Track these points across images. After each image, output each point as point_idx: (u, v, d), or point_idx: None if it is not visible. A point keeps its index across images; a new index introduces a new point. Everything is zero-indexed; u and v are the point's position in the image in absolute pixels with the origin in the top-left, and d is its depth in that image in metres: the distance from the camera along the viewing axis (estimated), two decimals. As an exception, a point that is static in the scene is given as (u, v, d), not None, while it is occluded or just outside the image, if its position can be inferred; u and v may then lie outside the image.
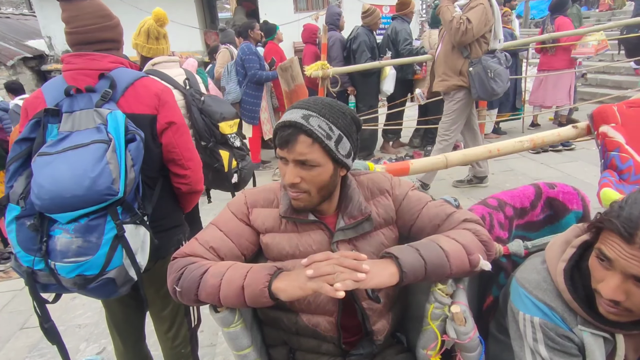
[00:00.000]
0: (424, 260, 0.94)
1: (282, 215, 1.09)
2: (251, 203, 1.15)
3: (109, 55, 1.35)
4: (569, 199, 1.22)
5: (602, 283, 0.81)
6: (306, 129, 0.97)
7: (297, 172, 1.00)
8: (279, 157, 1.03)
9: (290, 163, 1.00)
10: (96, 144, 1.17)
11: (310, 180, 1.01)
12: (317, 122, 0.98)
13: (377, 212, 1.12)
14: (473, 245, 0.99)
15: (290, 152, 0.99)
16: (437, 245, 0.97)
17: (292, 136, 0.97)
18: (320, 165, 1.00)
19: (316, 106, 1.01)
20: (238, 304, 0.97)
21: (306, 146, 0.98)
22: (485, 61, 3.34)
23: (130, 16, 9.79)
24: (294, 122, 0.98)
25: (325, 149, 0.99)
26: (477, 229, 1.04)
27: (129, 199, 1.24)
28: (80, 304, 2.83)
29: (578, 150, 4.77)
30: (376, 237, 1.12)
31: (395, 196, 1.15)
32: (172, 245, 1.54)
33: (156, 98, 1.37)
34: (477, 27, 3.23)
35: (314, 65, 4.35)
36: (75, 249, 1.17)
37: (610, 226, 0.79)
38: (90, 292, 1.24)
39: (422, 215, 1.11)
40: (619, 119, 1.57)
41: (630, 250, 0.76)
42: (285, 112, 1.03)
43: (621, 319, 0.83)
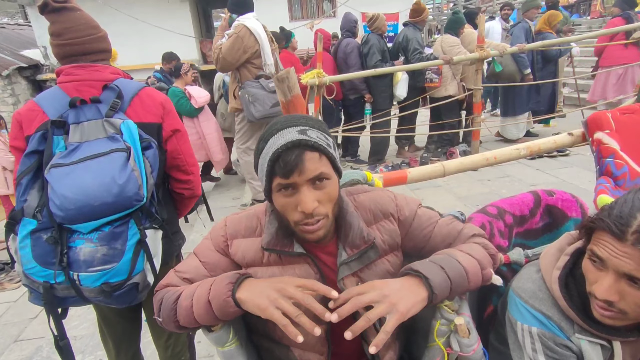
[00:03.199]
0: (450, 279, 0.88)
1: (265, 247, 0.97)
2: (231, 234, 1.04)
3: (109, 67, 1.38)
4: (568, 207, 1.23)
5: (596, 284, 0.81)
6: (312, 144, 0.86)
7: (313, 195, 0.87)
8: (279, 189, 0.89)
9: (302, 187, 0.87)
10: (117, 153, 1.20)
11: (327, 199, 0.90)
12: (315, 134, 0.88)
13: (382, 239, 1.02)
14: (485, 260, 0.97)
15: (302, 174, 0.85)
16: (456, 261, 0.92)
17: (300, 157, 0.85)
18: (330, 178, 0.90)
19: (300, 120, 0.91)
20: (212, 319, 0.91)
21: (316, 161, 0.87)
22: (248, 86, 3.48)
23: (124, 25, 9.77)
24: (296, 141, 0.86)
25: (330, 159, 0.90)
26: (486, 243, 1.01)
27: (147, 205, 1.27)
28: (75, 316, 2.79)
29: (572, 155, 4.80)
30: (381, 265, 1.02)
31: (404, 218, 1.04)
32: (174, 250, 1.55)
33: (161, 107, 1.40)
34: (229, 56, 3.39)
35: (310, 74, 4.37)
36: (101, 257, 1.18)
37: (602, 225, 0.80)
38: (115, 299, 1.24)
39: (434, 235, 1.05)
40: (613, 125, 1.58)
41: (622, 248, 0.76)
42: (268, 136, 0.90)
43: (616, 322, 0.82)
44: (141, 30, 10.07)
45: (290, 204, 0.89)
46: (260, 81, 3.49)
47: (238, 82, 3.61)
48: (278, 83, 1.31)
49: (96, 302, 1.27)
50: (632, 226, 0.75)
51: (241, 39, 3.38)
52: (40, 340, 2.61)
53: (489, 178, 4.39)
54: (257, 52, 3.48)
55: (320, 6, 12.19)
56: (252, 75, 3.53)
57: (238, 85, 3.61)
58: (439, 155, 5.39)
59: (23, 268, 1.20)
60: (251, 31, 3.41)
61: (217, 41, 3.56)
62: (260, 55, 3.51)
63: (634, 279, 0.76)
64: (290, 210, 0.90)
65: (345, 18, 5.24)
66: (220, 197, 4.89)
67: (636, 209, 0.77)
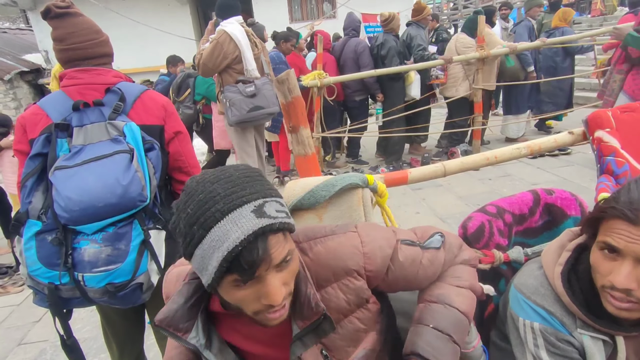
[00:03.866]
0: (458, 344, 0.88)
1: (157, 323, 0.81)
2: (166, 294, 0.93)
3: (111, 70, 1.40)
4: (567, 205, 1.23)
5: (613, 274, 0.80)
6: (277, 227, 0.68)
7: (280, 280, 0.71)
8: (235, 284, 0.69)
9: (267, 277, 0.69)
10: (120, 154, 1.22)
11: (291, 277, 0.75)
12: (274, 207, 0.70)
13: (346, 300, 0.85)
14: (472, 278, 0.96)
15: (266, 263, 0.68)
16: (455, 311, 0.90)
17: (262, 247, 0.66)
18: (293, 252, 0.74)
19: (243, 190, 0.69)
20: None
21: (282, 243, 0.70)
22: (227, 91, 3.50)
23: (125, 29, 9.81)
24: (258, 230, 0.66)
25: (291, 231, 0.74)
26: (466, 257, 1.01)
27: (151, 206, 1.29)
28: (79, 319, 2.80)
29: (574, 154, 4.80)
30: (349, 325, 0.87)
31: (375, 272, 0.86)
32: (178, 250, 1.55)
33: (163, 109, 1.42)
34: (210, 62, 3.41)
35: (310, 75, 4.39)
36: (105, 257, 1.19)
37: (614, 213, 0.80)
38: (119, 299, 1.25)
39: (419, 277, 0.92)
40: (614, 123, 1.58)
41: (638, 232, 0.76)
42: (206, 224, 0.66)
43: (632, 315, 0.82)
44: (142, 33, 10.11)
45: (249, 296, 0.71)
46: (238, 86, 3.50)
47: (220, 86, 3.65)
48: (278, 85, 1.32)
49: (101, 303, 1.28)
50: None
51: (221, 45, 3.40)
52: (43, 344, 2.62)
53: (490, 177, 4.39)
54: (238, 57, 3.50)
55: (320, 7, 12.21)
56: (233, 80, 3.55)
57: (221, 89, 3.66)
58: (440, 155, 5.39)
59: (28, 270, 1.21)
60: (231, 37, 3.43)
61: (202, 45, 3.60)
62: (241, 61, 3.53)
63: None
64: (249, 302, 0.72)
65: (349, 18, 5.24)
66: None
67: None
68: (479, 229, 1.18)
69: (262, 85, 3.65)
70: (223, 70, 3.54)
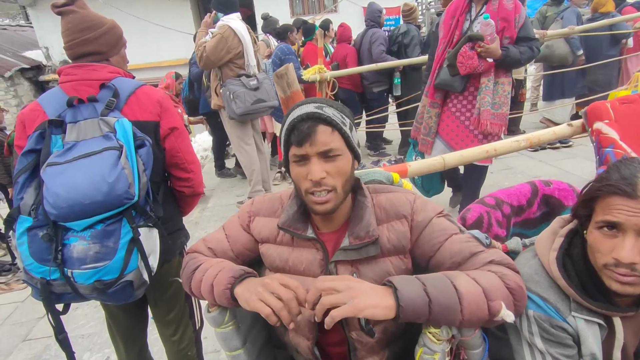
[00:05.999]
0: (429, 298, 0.83)
1: (280, 226, 1.04)
2: (254, 211, 1.15)
3: (107, 66, 1.39)
4: (565, 196, 1.24)
5: (616, 250, 0.81)
6: (325, 117, 0.93)
7: (322, 166, 0.94)
8: (294, 159, 0.97)
9: (313, 157, 0.94)
10: (109, 151, 1.21)
11: (336, 173, 0.95)
12: (331, 111, 0.95)
13: (388, 237, 1.01)
14: (496, 291, 0.86)
15: (313, 145, 0.93)
16: (450, 283, 0.86)
17: (312, 128, 0.92)
18: (342, 154, 0.96)
19: (320, 99, 0.99)
20: (212, 300, 1.02)
21: (328, 135, 0.93)
22: (229, 84, 3.57)
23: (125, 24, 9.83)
24: (310, 113, 0.93)
25: (344, 136, 0.96)
26: (505, 274, 0.89)
27: (142, 203, 1.28)
28: (82, 314, 2.83)
29: (575, 147, 4.79)
30: (382, 264, 1.01)
31: (416, 223, 1.01)
32: (177, 248, 1.57)
33: (158, 105, 1.41)
34: (213, 55, 3.45)
35: (312, 69, 4.38)
36: (93, 255, 1.20)
37: (610, 190, 0.82)
38: (109, 296, 1.26)
39: (443, 248, 0.98)
40: (612, 115, 1.59)
41: (637, 205, 0.78)
42: (290, 111, 0.99)
43: (636, 290, 0.82)
44: (143, 29, 10.10)
45: (301, 172, 0.96)
46: (242, 79, 3.58)
47: (220, 80, 3.68)
48: (277, 79, 1.32)
49: (92, 299, 1.29)
50: (639, 183, 0.79)
51: (225, 40, 3.45)
52: (48, 339, 2.65)
53: (491, 170, 4.37)
54: (240, 52, 3.57)
55: (321, 1, 12.17)
56: (233, 74, 3.61)
57: (219, 83, 3.69)
58: None
59: (23, 264, 1.23)
60: (235, 32, 3.48)
61: (200, 38, 3.62)
62: (243, 56, 3.60)
63: None
64: (301, 179, 0.97)
65: (370, 8, 5.23)
66: (225, 194, 4.92)
67: (634, 169, 0.81)
68: (478, 220, 1.19)
69: (263, 79, 3.70)
70: (224, 64, 3.57)
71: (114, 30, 1.44)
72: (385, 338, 1.04)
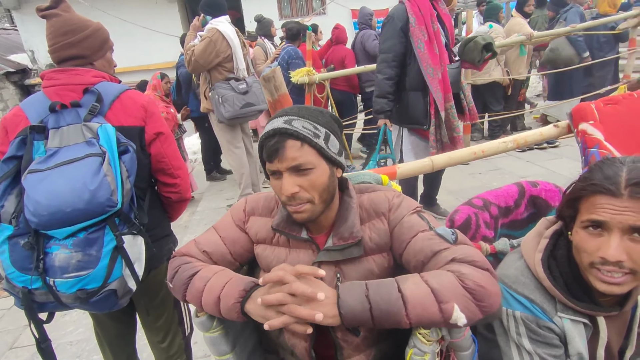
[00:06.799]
0: (370, 304, 0.83)
1: (274, 228, 1.05)
2: (249, 210, 1.13)
3: (91, 70, 1.36)
4: (552, 197, 1.25)
5: (602, 249, 0.82)
6: (292, 132, 0.92)
7: (293, 181, 0.94)
8: (269, 174, 0.98)
9: (284, 173, 0.94)
10: (91, 158, 1.18)
11: (310, 186, 0.95)
12: (301, 124, 0.94)
13: (370, 236, 1.02)
14: (449, 292, 0.82)
15: (281, 161, 0.93)
16: (395, 286, 0.85)
17: (280, 144, 0.92)
18: (315, 166, 0.94)
19: (293, 110, 0.98)
20: (217, 313, 0.97)
21: (296, 150, 0.92)
22: (218, 87, 3.55)
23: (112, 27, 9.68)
24: (277, 129, 0.93)
25: (315, 148, 0.94)
26: (464, 272, 0.84)
27: (126, 210, 1.26)
28: (70, 321, 2.79)
29: (562, 147, 4.85)
30: (365, 263, 1.02)
31: (392, 220, 1.02)
32: (164, 254, 1.55)
33: (143, 110, 1.39)
34: (202, 59, 3.44)
35: (300, 72, 4.38)
36: (75, 263, 1.17)
37: (595, 189, 0.83)
38: (92, 306, 1.24)
39: (409, 246, 0.98)
40: (597, 116, 1.61)
41: (621, 203, 0.80)
42: (266, 125, 0.99)
43: (623, 288, 0.83)
44: (130, 31, 10.00)
45: (277, 186, 0.97)
46: (231, 82, 3.56)
47: (208, 83, 3.66)
48: (265, 83, 1.32)
49: (75, 308, 1.26)
50: (622, 181, 0.80)
51: (214, 43, 3.44)
52: (35, 347, 2.60)
53: (480, 171, 4.43)
54: (229, 56, 3.55)
55: (310, 3, 12.17)
56: (222, 77, 3.59)
57: (208, 86, 3.67)
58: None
59: (5, 273, 1.20)
60: (224, 36, 3.47)
61: (189, 41, 3.61)
62: (231, 59, 3.58)
63: (638, 231, 0.79)
64: (278, 192, 0.98)
65: (362, 12, 5.33)
66: (215, 198, 4.89)
67: (616, 168, 0.83)
68: (466, 222, 1.20)
69: (253, 83, 3.68)
70: (213, 67, 3.55)
71: (99, 33, 1.42)
72: (372, 337, 1.05)
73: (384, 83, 2.84)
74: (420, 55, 2.75)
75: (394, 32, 2.79)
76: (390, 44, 2.81)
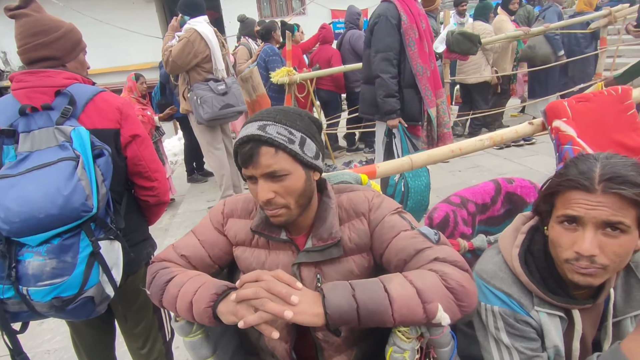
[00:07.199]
0: (357, 303, 0.83)
1: (253, 230, 1.04)
2: (227, 212, 1.12)
3: (63, 72, 1.33)
4: (527, 193, 1.28)
5: (577, 244, 0.84)
6: (265, 139, 0.90)
7: (268, 187, 0.93)
8: (246, 179, 0.97)
9: (259, 179, 0.93)
10: (64, 162, 1.15)
11: (285, 192, 0.94)
12: (275, 130, 0.92)
13: (349, 237, 1.02)
14: (433, 292, 0.84)
15: (256, 168, 0.92)
16: (382, 286, 0.85)
17: (254, 150, 0.91)
18: (291, 172, 0.93)
19: (269, 114, 0.95)
20: (190, 318, 0.95)
21: (270, 156, 0.91)
22: (197, 89, 3.51)
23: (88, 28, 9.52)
24: (251, 135, 0.91)
25: (290, 154, 0.93)
26: (447, 272, 0.87)
27: (102, 215, 1.23)
28: (48, 329, 2.71)
29: (538, 144, 4.96)
30: (345, 264, 1.02)
31: (372, 220, 1.02)
32: (142, 259, 1.52)
33: (118, 112, 1.36)
34: (180, 59, 3.40)
35: (280, 72, 4.36)
36: (50, 271, 1.13)
37: (570, 184, 0.85)
38: (69, 314, 1.20)
39: (391, 246, 0.98)
40: (570, 113, 1.65)
41: (595, 198, 0.82)
42: (241, 129, 0.97)
43: (596, 280, 0.86)
44: (106, 32, 9.81)
45: (253, 191, 0.97)
46: (209, 83, 3.52)
47: (187, 84, 3.62)
48: (242, 83, 1.31)
49: (50, 317, 1.23)
50: (595, 177, 0.83)
51: (192, 44, 3.39)
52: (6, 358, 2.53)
53: (459, 169, 4.49)
54: (208, 56, 3.51)
55: (289, 4, 12.15)
56: (201, 78, 3.55)
57: (187, 87, 3.63)
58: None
59: None
60: (202, 36, 3.43)
61: (167, 42, 3.56)
62: (210, 60, 3.54)
63: (612, 226, 0.82)
64: (255, 196, 0.98)
65: (349, 11, 5.28)
66: (196, 200, 4.83)
67: (590, 164, 0.85)
68: (444, 219, 1.21)
69: (232, 83, 3.65)
70: (191, 68, 3.51)
71: (71, 34, 1.38)
72: (353, 337, 1.05)
73: (390, 82, 2.77)
74: (411, 54, 2.77)
75: (391, 30, 2.75)
76: (389, 41, 2.76)
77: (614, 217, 0.81)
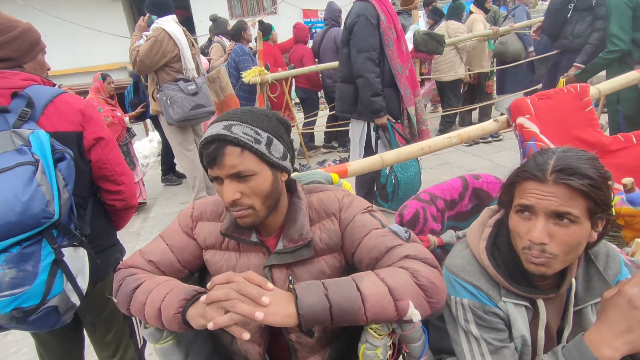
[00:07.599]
0: (330, 303, 0.83)
1: (223, 233, 1.03)
2: (197, 215, 1.10)
3: (20, 73, 1.27)
4: (493, 188, 1.31)
5: (529, 232, 0.88)
6: (231, 139, 0.89)
7: (234, 187, 0.92)
8: (212, 179, 0.96)
9: (225, 180, 0.92)
10: (22, 167, 1.10)
11: (251, 193, 0.93)
12: (241, 129, 0.91)
13: (320, 237, 1.02)
14: (404, 290, 0.85)
15: (221, 168, 0.91)
16: (354, 285, 0.86)
17: (219, 150, 0.90)
18: (257, 173, 0.92)
19: (236, 115, 0.94)
20: (159, 325, 0.93)
21: (236, 157, 0.90)
22: (166, 89, 3.48)
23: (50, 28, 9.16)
24: (216, 135, 0.90)
25: (257, 154, 0.92)
26: (418, 269, 0.89)
27: (64, 221, 1.18)
28: (14, 341, 2.61)
29: (506, 140, 5.11)
30: (317, 264, 1.02)
31: (342, 220, 1.03)
32: (110, 265, 1.48)
33: (80, 114, 1.31)
34: (147, 59, 3.35)
35: (252, 72, 4.33)
36: (9, 281, 1.08)
37: (525, 175, 0.90)
38: (31, 325, 1.15)
39: (362, 244, 0.99)
40: (533, 110, 1.71)
41: (546, 188, 0.86)
42: (207, 129, 0.95)
43: (548, 270, 0.89)
44: (71, 32, 9.50)
45: (220, 191, 0.96)
46: (179, 84, 3.46)
47: (156, 84, 3.56)
48: (210, 83, 1.29)
49: (11, 329, 1.18)
50: (548, 168, 0.87)
51: (159, 43, 3.34)
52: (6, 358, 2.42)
53: (430, 166, 4.57)
54: (177, 56, 3.46)
55: (260, 3, 12.08)
56: (170, 78, 3.49)
57: (156, 87, 3.56)
58: None
59: None
60: (170, 35, 3.38)
61: (134, 42, 3.48)
62: (179, 60, 3.48)
63: (561, 216, 0.85)
64: (221, 197, 0.97)
65: (329, 8, 5.21)
66: (168, 202, 4.73)
67: (547, 157, 0.90)
68: (414, 216, 1.23)
69: (202, 83, 3.60)
70: (160, 68, 3.44)
71: (28, 34, 1.32)
72: (326, 337, 1.05)
73: (375, 81, 2.79)
74: (390, 53, 2.80)
75: (372, 30, 2.76)
76: (371, 41, 2.78)
77: (562, 207, 0.85)
